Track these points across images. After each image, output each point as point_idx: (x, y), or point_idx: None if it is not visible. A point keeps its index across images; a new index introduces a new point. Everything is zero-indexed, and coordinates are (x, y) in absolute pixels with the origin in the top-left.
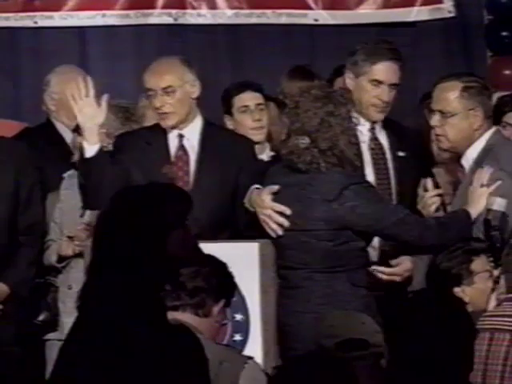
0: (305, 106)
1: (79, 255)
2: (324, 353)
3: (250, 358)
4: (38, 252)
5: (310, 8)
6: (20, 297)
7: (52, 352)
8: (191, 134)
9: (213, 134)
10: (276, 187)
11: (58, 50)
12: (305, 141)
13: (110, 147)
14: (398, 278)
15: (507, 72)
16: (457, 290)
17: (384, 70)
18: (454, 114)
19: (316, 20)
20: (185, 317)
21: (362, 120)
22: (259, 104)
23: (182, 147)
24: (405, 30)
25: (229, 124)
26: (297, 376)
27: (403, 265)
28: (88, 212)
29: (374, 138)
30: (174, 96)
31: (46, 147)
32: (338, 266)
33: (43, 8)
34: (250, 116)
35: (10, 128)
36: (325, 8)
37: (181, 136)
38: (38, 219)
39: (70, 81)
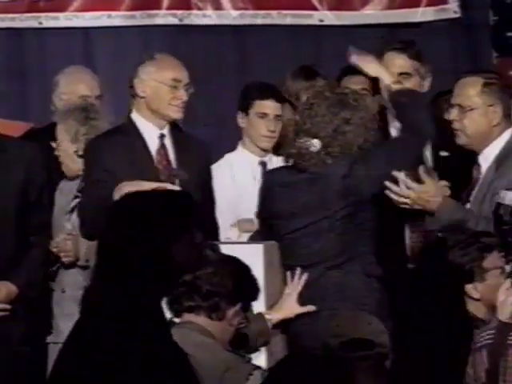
0: (320, 110)
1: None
2: (325, 352)
3: (258, 367)
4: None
5: (315, 9)
6: (29, 297)
7: (50, 354)
8: (167, 134)
9: (176, 134)
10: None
11: (64, 50)
12: (316, 144)
13: (80, 152)
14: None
15: None
16: (468, 286)
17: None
18: (473, 108)
19: (321, 21)
20: (198, 319)
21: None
22: (278, 115)
23: (163, 146)
24: (410, 31)
25: (241, 122)
26: (288, 375)
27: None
28: (73, 217)
29: None
30: (187, 93)
31: (53, 147)
32: (350, 253)
33: (48, 9)
34: (266, 125)
35: (17, 129)
36: (330, 9)
37: (162, 136)
38: (47, 219)
39: (79, 82)
